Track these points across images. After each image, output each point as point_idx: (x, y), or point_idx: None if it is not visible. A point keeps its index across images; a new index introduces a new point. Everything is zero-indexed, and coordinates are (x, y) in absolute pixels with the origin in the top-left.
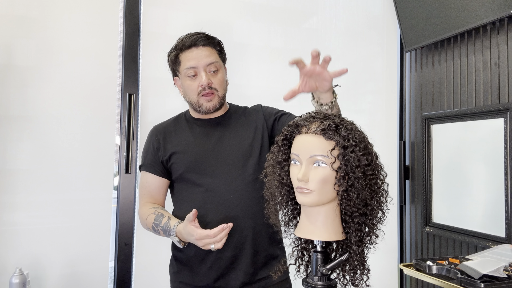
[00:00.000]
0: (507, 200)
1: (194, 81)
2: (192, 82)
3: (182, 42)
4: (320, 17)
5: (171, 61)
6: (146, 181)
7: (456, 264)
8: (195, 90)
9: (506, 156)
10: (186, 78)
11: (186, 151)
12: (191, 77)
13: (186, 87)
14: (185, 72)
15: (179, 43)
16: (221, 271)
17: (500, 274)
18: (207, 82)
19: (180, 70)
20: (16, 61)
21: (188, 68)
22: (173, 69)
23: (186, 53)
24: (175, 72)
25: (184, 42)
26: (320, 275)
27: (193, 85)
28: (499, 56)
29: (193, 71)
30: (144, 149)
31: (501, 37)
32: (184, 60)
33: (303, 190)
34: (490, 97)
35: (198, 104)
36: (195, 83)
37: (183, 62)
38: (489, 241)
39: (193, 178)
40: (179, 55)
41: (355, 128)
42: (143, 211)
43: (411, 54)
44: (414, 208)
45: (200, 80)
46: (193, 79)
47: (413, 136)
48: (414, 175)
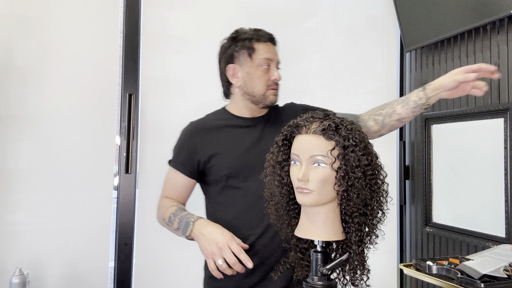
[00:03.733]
0: (507, 200)
1: (266, 73)
2: (264, 73)
3: (259, 33)
4: (320, 17)
5: (238, 47)
6: (174, 178)
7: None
8: (265, 82)
9: (506, 156)
10: (258, 68)
11: (227, 153)
12: (264, 68)
13: (256, 77)
14: (260, 61)
15: (255, 33)
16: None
17: (500, 274)
18: (280, 78)
19: (254, 58)
20: (17, 61)
21: (265, 59)
22: (237, 55)
23: (263, 45)
24: (232, 59)
25: (262, 34)
26: (320, 275)
27: (264, 77)
28: (499, 56)
29: (268, 63)
30: (178, 145)
31: (501, 37)
32: (260, 50)
33: (303, 190)
34: (490, 97)
35: (264, 95)
36: (267, 76)
37: (258, 51)
38: (489, 241)
39: (234, 182)
40: (255, 43)
41: (355, 128)
42: (164, 202)
43: (411, 54)
44: (414, 208)
45: (273, 74)
46: (265, 71)
47: (413, 136)
48: (414, 175)
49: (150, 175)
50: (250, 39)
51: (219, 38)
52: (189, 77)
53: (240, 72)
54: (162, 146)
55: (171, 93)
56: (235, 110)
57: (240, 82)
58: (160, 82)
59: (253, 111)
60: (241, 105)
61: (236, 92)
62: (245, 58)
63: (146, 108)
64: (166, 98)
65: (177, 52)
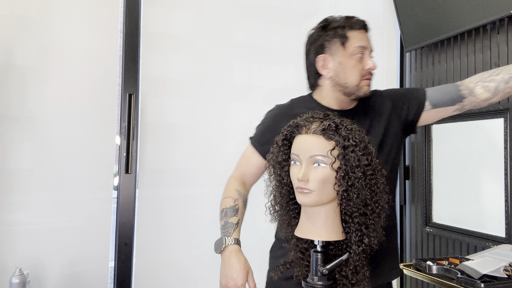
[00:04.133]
0: (507, 200)
1: (360, 62)
2: (358, 63)
3: (352, 21)
4: (320, 17)
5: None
6: (250, 157)
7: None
8: (359, 72)
9: (506, 156)
10: (352, 57)
11: None
12: (358, 57)
13: (350, 66)
14: (354, 50)
15: (347, 21)
16: None
17: (500, 274)
18: (375, 67)
19: (347, 46)
20: (17, 61)
21: (359, 47)
22: (328, 44)
23: (357, 33)
24: (322, 49)
25: (355, 21)
26: (320, 275)
27: (358, 66)
28: (499, 56)
29: (361, 52)
30: (262, 125)
31: (501, 37)
32: (354, 38)
33: (303, 190)
34: None
35: (358, 86)
36: (361, 65)
37: (352, 39)
38: (489, 241)
39: None
40: (349, 31)
41: (355, 128)
42: (230, 186)
43: (411, 54)
44: (414, 208)
45: (367, 63)
46: (359, 60)
47: (413, 136)
48: (414, 175)
49: (150, 175)
50: (343, 27)
51: (219, 38)
52: (189, 77)
53: (332, 62)
54: (162, 146)
55: (171, 93)
56: (323, 101)
57: (332, 73)
58: (160, 82)
59: (343, 103)
60: (331, 96)
61: (326, 84)
62: (337, 47)
63: (146, 108)
64: (166, 98)
65: (177, 52)
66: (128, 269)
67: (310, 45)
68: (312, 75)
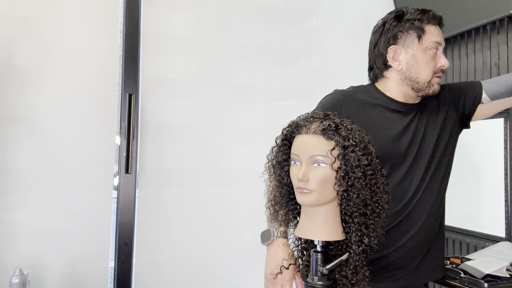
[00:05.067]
0: (507, 200)
1: (433, 58)
2: (432, 59)
3: (429, 14)
4: (320, 17)
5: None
6: None
7: (458, 264)
8: (433, 68)
9: (506, 156)
10: (426, 52)
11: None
12: (432, 53)
13: (424, 62)
14: (429, 45)
15: (426, 14)
16: None
17: (503, 273)
18: (448, 65)
19: (424, 40)
20: (16, 61)
21: (434, 42)
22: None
23: (433, 28)
24: (395, 40)
25: (433, 16)
26: (320, 275)
27: (432, 62)
28: (499, 56)
29: (436, 48)
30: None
31: (501, 37)
32: (430, 33)
33: (303, 190)
34: None
35: (430, 83)
36: (434, 61)
37: (429, 33)
38: (489, 241)
39: None
40: (426, 25)
41: (355, 128)
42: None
43: None
44: None
45: (440, 61)
46: (433, 56)
47: None
48: None
49: (150, 175)
50: (420, 19)
51: (219, 38)
52: (189, 77)
53: (403, 55)
54: (162, 146)
55: (171, 93)
56: (387, 92)
57: (402, 66)
58: (160, 82)
59: (409, 97)
60: (397, 89)
61: (393, 76)
62: (412, 40)
63: (146, 108)
64: (166, 98)
65: (177, 52)
66: (128, 269)
67: (380, 35)
68: (378, 66)
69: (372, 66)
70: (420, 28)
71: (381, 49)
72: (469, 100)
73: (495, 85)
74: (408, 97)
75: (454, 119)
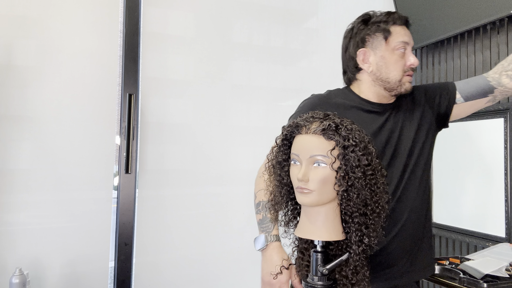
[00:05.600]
0: (507, 200)
1: (402, 58)
2: (400, 58)
3: (394, 15)
4: (320, 17)
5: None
6: None
7: (457, 264)
8: (402, 67)
9: (506, 156)
10: (394, 52)
11: None
12: (401, 52)
13: (392, 61)
14: (396, 45)
15: (391, 16)
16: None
17: (502, 274)
18: (417, 63)
19: (390, 41)
20: (16, 61)
21: (401, 42)
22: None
23: (399, 28)
24: (363, 43)
25: (398, 17)
26: (320, 275)
27: (401, 62)
28: (499, 56)
29: (404, 47)
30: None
31: (501, 37)
32: (396, 33)
33: (303, 190)
34: None
35: (400, 82)
36: (403, 61)
37: (395, 34)
38: (489, 241)
39: None
40: (392, 26)
41: (355, 128)
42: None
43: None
44: None
45: (409, 60)
46: (401, 56)
47: None
48: None
49: (150, 175)
50: (386, 21)
51: (219, 38)
52: (189, 77)
53: (373, 57)
54: (162, 146)
55: (171, 93)
56: (362, 94)
57: (373, 67)
58: (160, 82)
59: (382, 97)
60: (370, 90)
61: (365, 79)
62: (379, 42)
63: (146, 108)
64: (166, 98)
65: (177, 52)
66: (128, 269)
67: (349, 39)
68: (351, 69)
69: (345, 69)
70: (386, 29)
71: (351, 53)
72: (444, 100)
73: (468, 86)
74: (382, 97)
75: (430, 118)
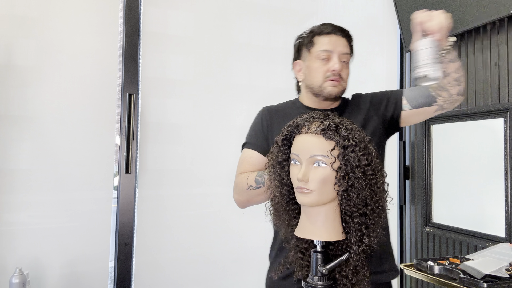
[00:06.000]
0: (507, 200)
1: (324, 64)
2: (322, 65)
3: (321, 27)
4: (320, 17)
5: (302, 43)
6: (251, 157)
7: (457, 264)
8: (323, 73)
9: (506, 156)
10: (316, 60)
11: None
12: (323, 60)
13: (314, 69)
14: (318, 54)
15: (318, 28)
16: None
17: (502, 274)
18: (340, 68)
19: (312, 51)
20: (16, 61)
21: (323, 51)
22: (300, 51)
23: (324, 37)
24: (300, 55)
25: (324, 28)
26: (320, 275)
27: (322, 68)
28: (499, 56)
29: (326, 55)
30: (251, 128)
31: (501, 37)
32: (319, 43)
33: (303, 190)
34: (490, 97)
35: (321, 87)
36: (325, 67)
37: (318, 44)
38: (489, 241)
39: None
40: (315, 37)
41: (355, 128)
42: (242, 175)
43: (411, 54)
44: (414, 208)
45: (332, 65)
46: (324, 63)
47: (413, 136)
48: (414, 175)
49: (150, 175)
50: (311, 33)
51: (219, 38)
52: (189, 77)
53: (303, 67)
54: (162, 146)
55: (171, 93)
56: (305, 102)
57: (302, 76)
58: (160, 82)
59: (319, 103)
60: (308, 98)
61: (303, 87)
62: (306, 53)
63: (146, 108)
64: (166, 98)
65: (177, 52)
66: (128, 269)
67: (295, 48)
68: (295, 81)
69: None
70: (310, 41)
71: (292, 65)
72: (390, 107)
73: (414, 93)
74: (318, 103)
75: (375, 123)
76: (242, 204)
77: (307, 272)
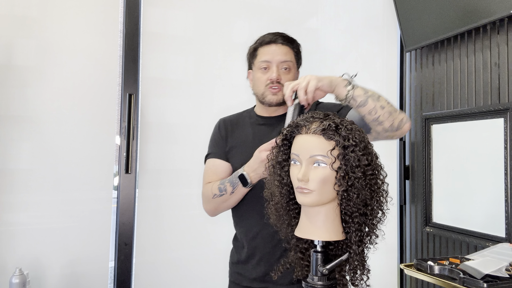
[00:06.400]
0: (507, 200)
1: (264, 74)
2: (263, 74)
3: (263, 38)
4: (320, 17)
5: (249, 54)
6: (213, 165)
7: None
8: (264, 82)
9: (506, 156)
10: (258, 71)
11: (243, 146)
12: (263, 69)
13: (256, 79)
14: (259, 64)
15: (260, 39)
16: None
17: (502, 274)
18: (276, 76)
19: (255, 62)
20: (16, 61)
21: (262, 61)
22: (250, 62)
23: (264, 48)
24: (250, 65)
25: (265, 38)
26: (320, 275)
27: (262, 78)
28: (499, 56)
29: (266, 65)
30: (211, 140)
31: (501, 37)
32: (260, 54)
33: (303, 190)
34: (490, 97)
35: (263, 95)
36: (265, 76)
37: (259, 55)
38: (489, 241)
39: None
40: (257, 49)
41: (355, 128)
42: (207, 185)
43: (411, 54)
44: (414, 208)
45: (270, 74)
46: (264, 72)
47: (413, 136)
48: (414, 175)
49: (150, 175)
50: (255, 44)
51: (219, 38)
52: (189, 77)
53: (251, 77)
54: (162, 146)
55: (171, 93)
56: (257, 110)
57: (251, 85)
58: (160, 82)
59: (268, 110)
60: (258, 106)
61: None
62: (252, 63)
63: (146, 108)
64: (166, 98)
65: (177, 52)
66: (128, 269)
67: (247, 59)
68: None
69: None
70: (254, 53)
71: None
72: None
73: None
74: (267, 111)
75: None
76: (211, 212)
77: (307, 272)
